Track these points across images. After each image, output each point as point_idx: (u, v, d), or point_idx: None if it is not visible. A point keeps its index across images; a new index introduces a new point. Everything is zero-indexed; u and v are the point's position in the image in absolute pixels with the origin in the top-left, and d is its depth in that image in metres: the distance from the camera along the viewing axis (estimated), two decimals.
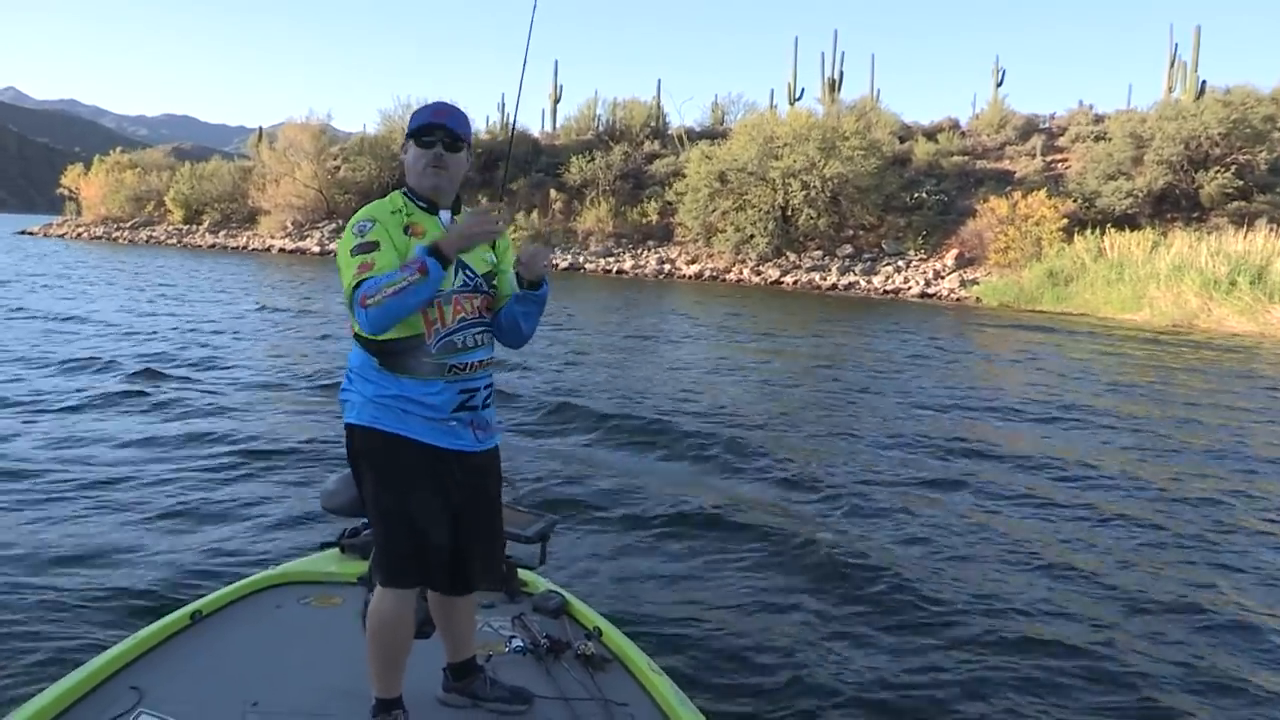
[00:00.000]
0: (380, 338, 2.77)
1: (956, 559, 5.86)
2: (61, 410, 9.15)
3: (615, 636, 3.51)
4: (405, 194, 2.91)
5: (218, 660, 3.27)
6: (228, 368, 12.13)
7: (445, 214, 2.92)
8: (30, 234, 58.94)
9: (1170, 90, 39.39)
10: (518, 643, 3.40)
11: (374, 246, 2.74)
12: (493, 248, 2.99)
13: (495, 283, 2.98)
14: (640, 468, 7.90)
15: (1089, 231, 30.28)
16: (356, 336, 2.85)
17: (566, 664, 3.30)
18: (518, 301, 2.95)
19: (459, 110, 2.95)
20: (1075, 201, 33.17)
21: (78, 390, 10.09)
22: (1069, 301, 27.57)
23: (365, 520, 3.78)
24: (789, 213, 37.18)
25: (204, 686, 3.10)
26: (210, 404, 9.74)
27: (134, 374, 11.23)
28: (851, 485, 7.46)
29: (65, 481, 6.69)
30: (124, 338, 14.55)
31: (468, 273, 2.88)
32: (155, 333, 15.41)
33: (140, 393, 10.05)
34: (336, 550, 4.11)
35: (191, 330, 15.98)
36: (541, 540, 3.82)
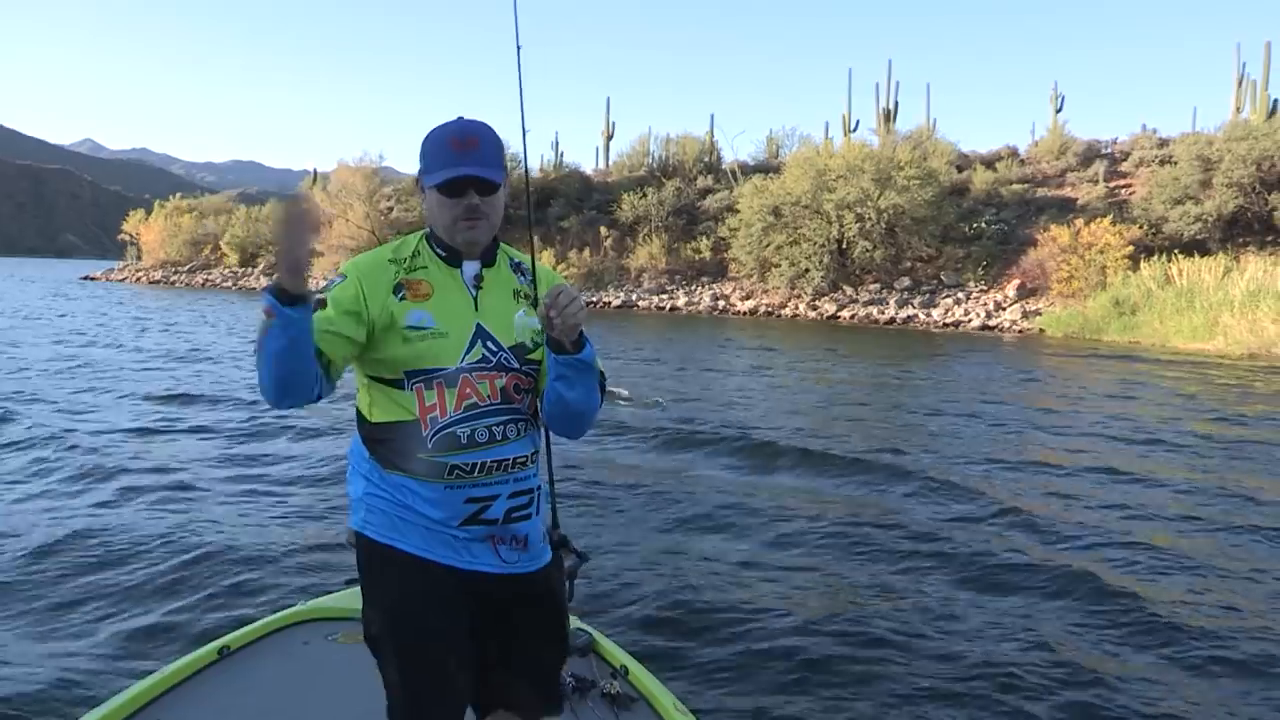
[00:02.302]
0: (369, 420, 2.29)
1: (1016, 606, 5.44)
2: (88, 447, 9.15)
3: (642, 676, 3.39)
4: (428, 237, 2.34)
5: (245, 696, 3.26)
6: (258, 405, 11.97)
7: (472, 265, 2.33)
8: (93, 279, 60.44)
9: (1238, 110, 38.22)
10: None
11: (320, 305, 2.15)
12: (535, 308, 2.31)
13: (535, 356, 2.32)
14: (673, 502, 7.69)
15: (1156, 258, 29.37)
16: (357, 412, 2.36)
17: (592, 703, 3.22)
18: (555, 374, 2.25)
19: (488, 137, 2.27)
20: (1141, 228, 32.26)
21: (106, 427, 10.09)
22: (1137, 331, 26.68)
23: None
24: (844, 245, 36.68)
25: None
26: (241, 441, 9.75)
27: (164, 411, 11.34)
28: (900, 525, 7.09)
29: (93, 517, 6.72)
30: (157, 378, 14.57)
31: (489, 344, 2.26)
32: (187, 372, 15.37)
33: (171, 429, 10.08)
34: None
35: (225, 370, 15.96)
36: (569, 578, 3.59)
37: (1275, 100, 36.68)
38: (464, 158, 2.22)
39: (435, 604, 2.25)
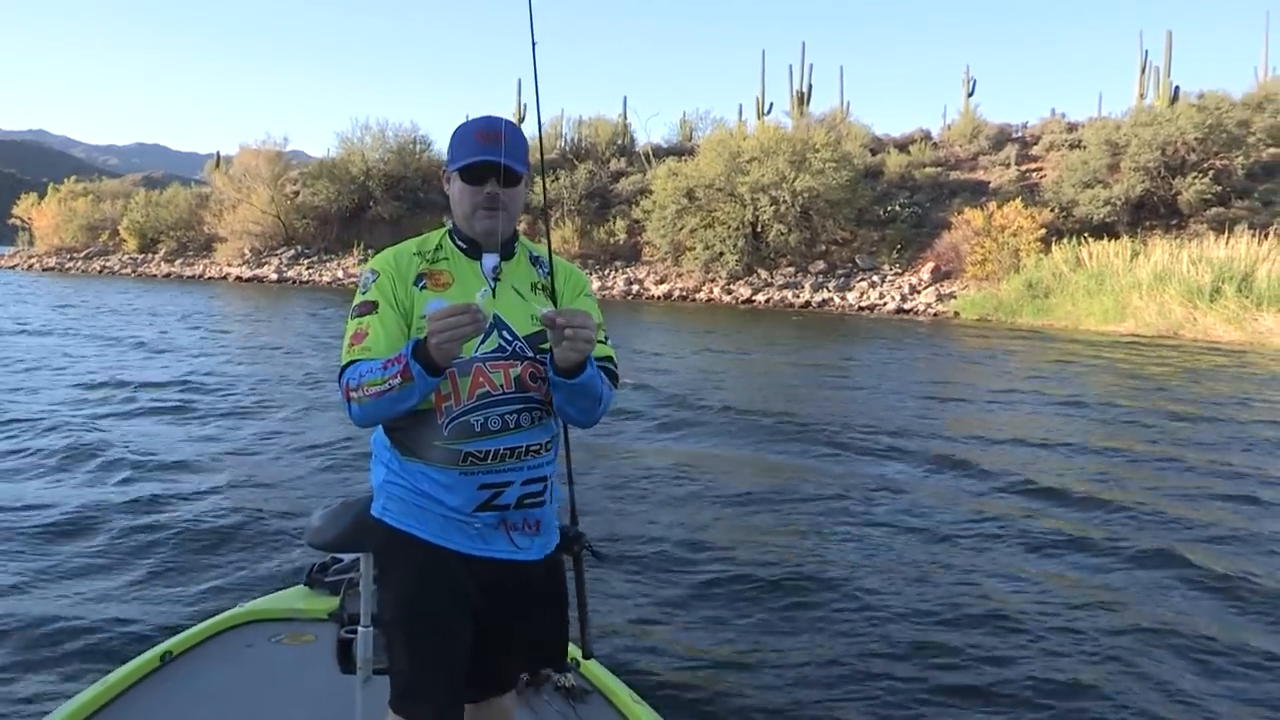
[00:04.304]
0: None
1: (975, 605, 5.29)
2: (13, 448, 8.67)
3: (594, 668, 3.39)
4: (450, 231, 2.45)
5: (190, 704, 3.18)
6: (183, 401, 11.48)
7: (490, 258, 2.40)
8: None
9: (1142, 97, 38.80)
10: None
11: (370, 308, 2.30)
12: (554, 301, 2.39)
13: (549, 346, 2.31)
14: (618, 492, 7.63)
15: (1067, 241, 29.58)
16: None
17: (547, 696, 3.23)
18: (554, 388, 2.30)
19: (513, 133, 2.34)
20: (1052, 211, 32.54)
21: (30, 429, 9.52)
22: (1050, 314, 26.86)
23: (335, 555, 3.77)
24: (759, 229, 36.36)
25: None
26: (169, 436, 9.37)
27: (89, 409, 10.68)
28: (845, 515, 7.05)
29: (20, 519, 6.38)
30: (69, 373, 13.66)
31: (504, 334, 2.32)
32: (100, 366, 14.37)
33: (95, 428, 9.54)
34: (303, 586, 3.97)
35: (141, 363, 15.04)
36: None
37: (1177, 87, 37.24)
38: (488, 147, 2.30)
39: (448, 595, 2.32)
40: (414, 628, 2.32)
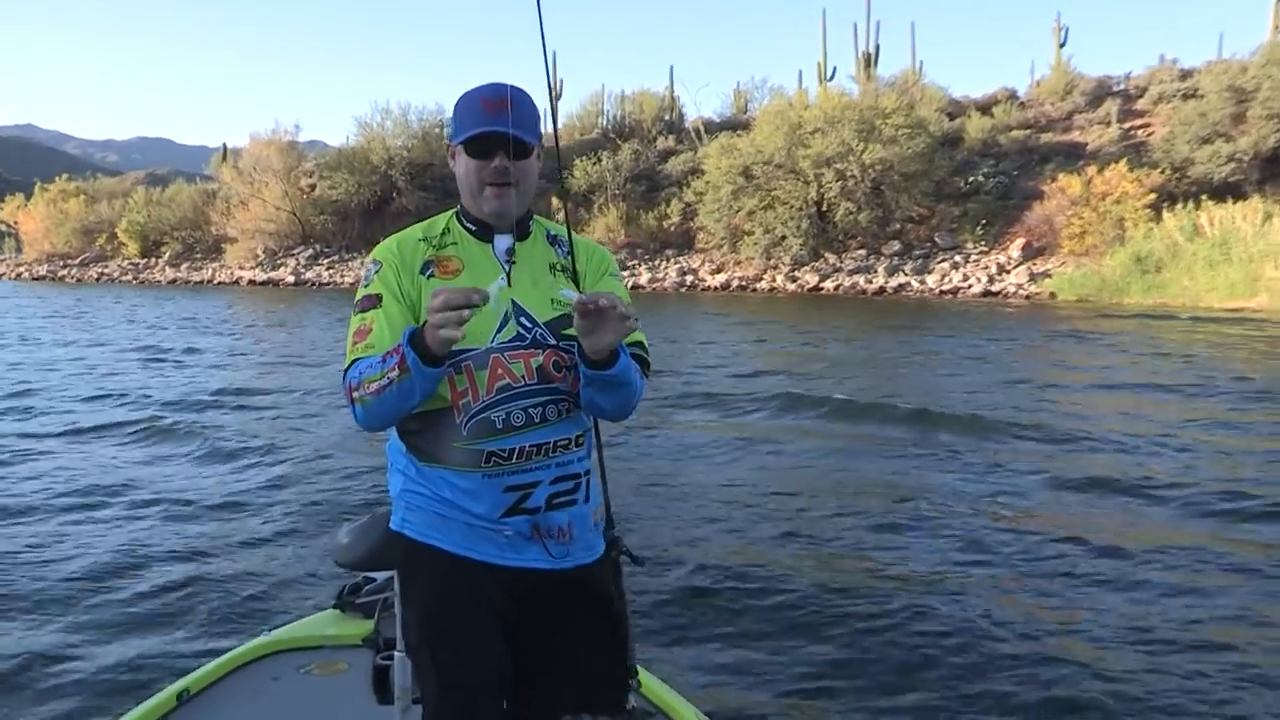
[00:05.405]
0: None
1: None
2: (27, 469, 8.66)
3: (655, 686, 3.31)
4: (458, 214, 2.43)
5: None
6: (200, 416, 11.48)
7: (504, 239, 2.39)
8: None
9: (1277, 29, 37.20)
10: None
11: (374, 302, 2.28)
12: (576, 283, 2.38)
13: (574, 331, 2.25)
14: (659, 492, 7.64)
15: (1181, 206, 28.56)
16: None
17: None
18: (584, 382, 2.26)
19: (524, 97, 2.32)
20: (1163, 173, 31.62)
21: (42, 449, 9.54)
22: (1163, 290, 25.98)
23: (367, 575, 3.73)
24: (825, 208, 35.74)
25: None
26: (187, 452, 9.43)
27: (104, 429, 10.63)
28: (936, 523, 6.78)
29: (26, 548, 6.31)
30: (92, 390, 13.61)
31: (523, 321, 2.29)
32: (118, 383, 14.25)
33: (110, 449, 9.59)
34: (334, 610, 3.84)
35: (153, 378, 14.89)
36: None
37: None
38: (496, 117, 2.27)
39: (474, 610, 2.30)
40: (439, 649, 2.29)
